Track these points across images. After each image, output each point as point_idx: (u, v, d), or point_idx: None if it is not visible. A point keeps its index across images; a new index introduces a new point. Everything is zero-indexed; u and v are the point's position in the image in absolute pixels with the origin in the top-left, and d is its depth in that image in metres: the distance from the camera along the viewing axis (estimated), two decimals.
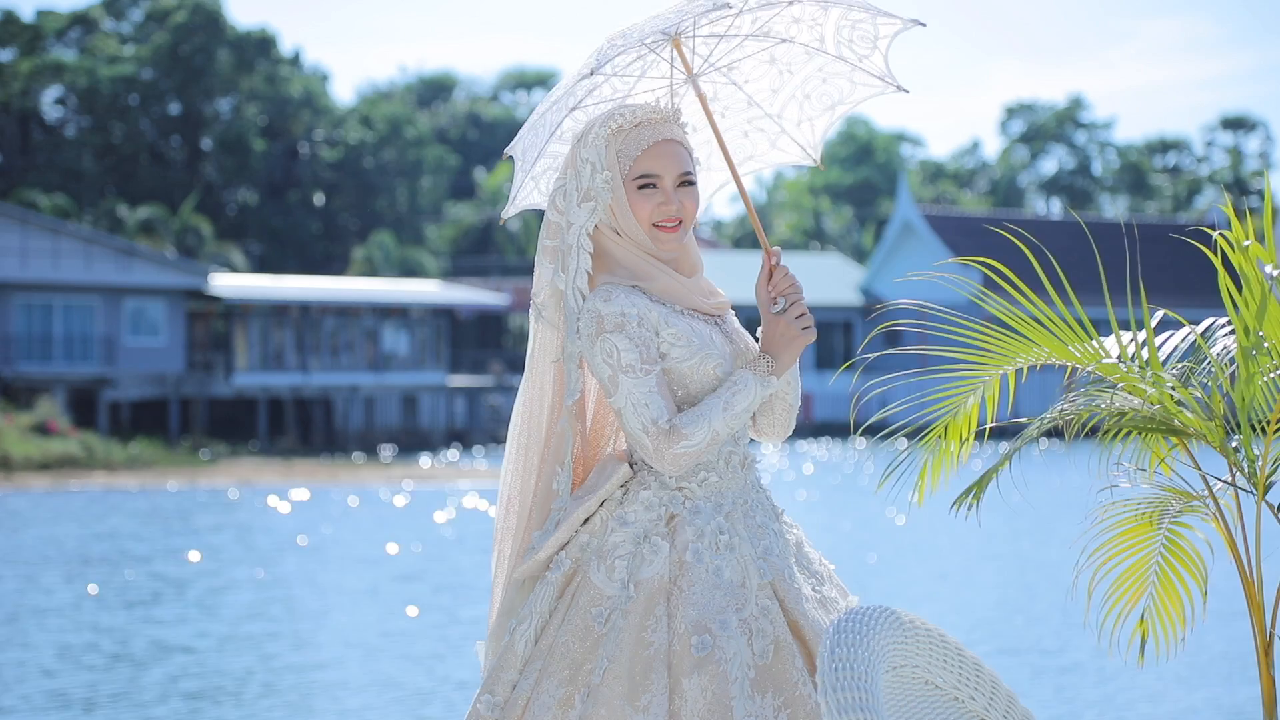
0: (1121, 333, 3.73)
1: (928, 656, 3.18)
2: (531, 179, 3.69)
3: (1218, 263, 3.52)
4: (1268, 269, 3.47)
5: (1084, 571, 3.64)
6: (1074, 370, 3.71)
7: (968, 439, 3.76)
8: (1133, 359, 3.66)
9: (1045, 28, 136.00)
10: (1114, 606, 3.72)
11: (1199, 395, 3.62)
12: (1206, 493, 3.67)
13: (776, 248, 3.42)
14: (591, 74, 3.46)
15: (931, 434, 3.79)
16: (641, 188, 3.41)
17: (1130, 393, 3.60)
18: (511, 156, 3.68)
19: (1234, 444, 3.58)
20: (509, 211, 3.73)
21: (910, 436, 3.84)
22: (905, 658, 3.12)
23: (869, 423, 3.93)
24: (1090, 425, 3.67)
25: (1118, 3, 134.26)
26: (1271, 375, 3.50)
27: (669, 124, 3.45)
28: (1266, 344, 3.48)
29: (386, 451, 42.00)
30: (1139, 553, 3.72)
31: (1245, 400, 3.48)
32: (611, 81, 3.62)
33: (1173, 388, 3.57)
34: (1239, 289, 3.52)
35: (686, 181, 3.44)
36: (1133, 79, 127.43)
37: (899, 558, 19.07)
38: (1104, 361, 3.65)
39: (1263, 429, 3.54)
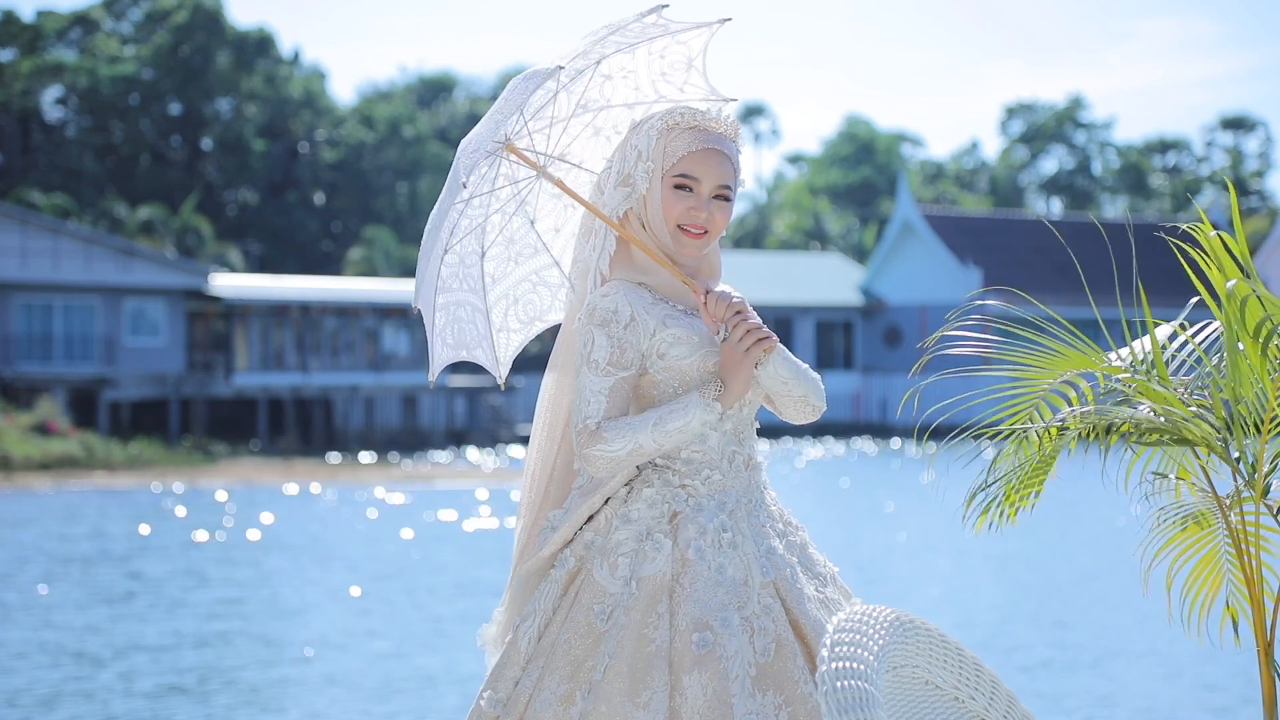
0: (1135, 342, 3.77)
1: (928, 656, 3.18)
2: (439, 338, 3.55)
3: (1224, 255, 3.53)
4: (1237, 277, 3.48)
5: (1155, 571, 3.83)
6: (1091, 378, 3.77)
7: (1050, 442, 3.80)
8: (1143, 366, 3.68)
9: (1045, 28, 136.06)
10: (1196, 596, 3.86)
11: (1199, 402, 3.63)
12: (1212, 497, 3.71)
13: (697, 283, 3.39)
14: (465, 187, 3.39)
15: (1011, 435, 3.82)
16: (678, 187, 3.42)
17: (1149, 398, 3.62)
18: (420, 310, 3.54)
19: (1235, 453, 3.60)
20: (434, 375, 3.55)
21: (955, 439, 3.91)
22: (905, 658, 3.12)
23: (931, 422, 3.93)
24: (1106, 433, 3.71)
25: (1117, 3, 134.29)
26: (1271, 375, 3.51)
27: (725, 137, 3.46)
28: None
29: (386, 451, 41.96)
30: (1204, 547, 3.84)
31: (1236, 397, 3.50)
32: (481, 199, 3.53)
33: (1185, 401, 3.59)
34: (1211, 286, 3.56)
35: (723, 196, 3.44)
36: (1132, 79, 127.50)
37: (896, 558, 19.07)
38: (1126, 373, 3.68)
39: (1256, 428, 3.56)
